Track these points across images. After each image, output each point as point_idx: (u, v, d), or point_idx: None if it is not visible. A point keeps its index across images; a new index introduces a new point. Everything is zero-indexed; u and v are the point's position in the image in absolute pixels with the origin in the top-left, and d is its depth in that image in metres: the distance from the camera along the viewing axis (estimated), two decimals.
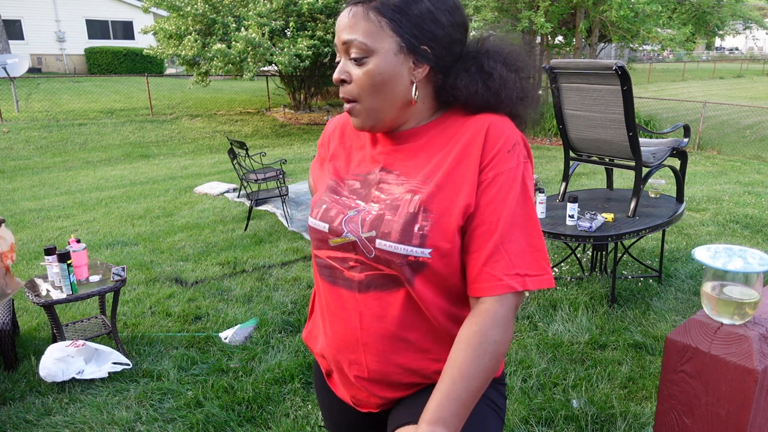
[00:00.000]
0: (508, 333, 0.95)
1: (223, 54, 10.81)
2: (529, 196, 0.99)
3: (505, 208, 0.96)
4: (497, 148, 0.99)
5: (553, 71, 3.71)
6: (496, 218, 0.96)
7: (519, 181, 0.98)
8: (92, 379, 2.85)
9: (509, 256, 0.95)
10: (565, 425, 2.47)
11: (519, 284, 0.95)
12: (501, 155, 0.98)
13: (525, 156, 1.01)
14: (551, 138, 11.89)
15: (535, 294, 3.83)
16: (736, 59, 38.61)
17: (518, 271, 0.95)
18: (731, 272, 1.05)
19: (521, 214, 0.97)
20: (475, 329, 0.94)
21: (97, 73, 21.29)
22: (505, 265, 0.95)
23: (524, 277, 0.95)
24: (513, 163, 0.98)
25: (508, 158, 0.98)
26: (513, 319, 0.96)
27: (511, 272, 0.95)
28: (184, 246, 5.05)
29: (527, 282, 0.95)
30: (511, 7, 11.72)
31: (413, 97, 1.01)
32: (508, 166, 0.98)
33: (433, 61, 1.00)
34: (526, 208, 0.98)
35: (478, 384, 0.92)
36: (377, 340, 1.05)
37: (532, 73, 1.12)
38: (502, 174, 0.97)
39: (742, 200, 6.40)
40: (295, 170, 8.50)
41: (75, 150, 10.85)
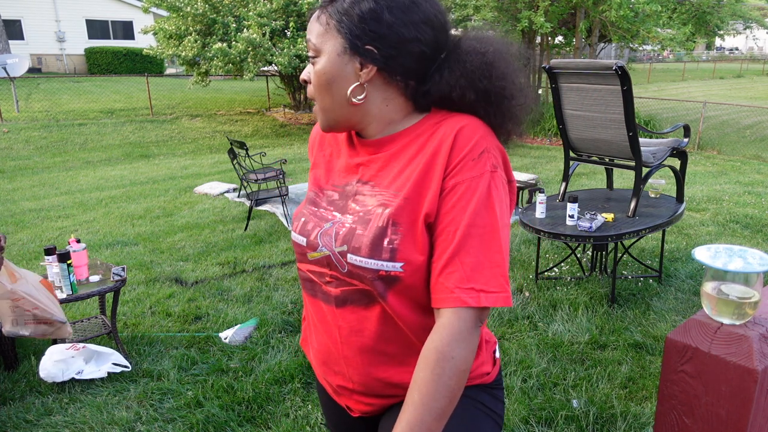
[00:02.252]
0: (468, 348, 0.90)
1: (223, 54, 10.81)
2: (491, 208, 0.93)
3: (465, 218, 0.92)
4: (462, 155, 0.94)
5: (552, 71, 3.71)
6: (454, 228, 0.92)
7: (483, 190, 0.93)
8: (92, 379, 2.85)
9: (464, 269, 0.91)
10: (565, 425, 2.47)
11: (472, 299, 0.89)
12: (466, 163, 0.94)
13: (494, 165, 0.95)
14: (551, 138, 11.89)
15: (535, 294, 3.84)
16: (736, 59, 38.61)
17: (473, 285, 0.90)
18: (731, 272, 1.04)
19: (482, 225, 0.92)
20: (431, 346, 0.90)
21: (97, 73, 21.29)
22: (460, 277, 0.91)
23: (479, 293, 0.90)
24: (477, 172, 0.93)
25: (473, 166, 0.93)
26: (473, 333, 0.91)
27: (465, 285, 0.90)
28: (184, 246, 5.05)
29: (481, 298, 0.90)
30: (511, 7, 11.73)
31: (355, 98, 0.99)
32: (471, 175, 0.93)
33: (380, 61, 0.96)
34: (489, 219, 0.92)
35: (442, 405, 0.89)
36: (357, 354, 1.05)
37: (521, 73, 1.05)
38: (464, 182, 0.93)
39: (742, 200, 6.40)
40: (295, 170, 8.50)
41: (75, 150, 10.85)
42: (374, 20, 0.94)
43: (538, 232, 3.53)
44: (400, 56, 0.96)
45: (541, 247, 4.55)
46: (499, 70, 1.00)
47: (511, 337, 3.29)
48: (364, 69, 0.97)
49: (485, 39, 1.03)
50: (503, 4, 11.75)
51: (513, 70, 1.03)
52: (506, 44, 1.04)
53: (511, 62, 1.03)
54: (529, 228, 3.59)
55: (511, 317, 3.51)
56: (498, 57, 1.01)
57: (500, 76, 1.00)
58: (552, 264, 4.40)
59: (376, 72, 0.97)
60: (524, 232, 5.02)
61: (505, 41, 1.05)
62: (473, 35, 1.04)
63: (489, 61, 1.00)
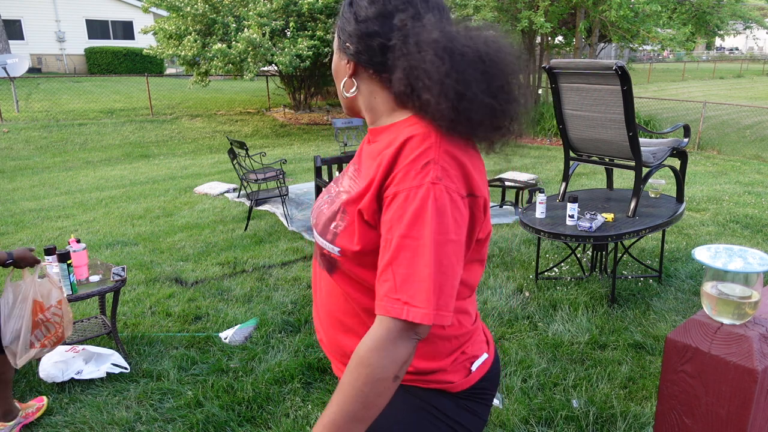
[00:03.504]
0: (389, 358, 0.89)
1: (223, 54, 10.81)
2: (428, 220, 0.90)
3: (400, 228, 0.91)
4: (405, 165, 0.94)
5: (552, 71, 3.71)
6: (391, 237, 0.92)
7: (420, 202, 0.91)
8: (92, 379, 2.85)
9: (396, 279, 0.91)
10: (565, 425, 2.47)
11: (396, 311, 0.89)
12: (408, 172, 0.93)
13: (437, 177, 0.92)
14: (551, 138, 11.90)
15: (535, 294, 3.84)
16: (736, 59, 38.61)
17: (400, 297, 0.89)
18: (731, 272, 1.04)
19: (416, 237, 0.90)
20: (356, 350, 0.92)
21: (97, 73, 21.29)
22: (390, 287, 0.91)
23: (405, 305, 0.89)
24: (418, 182, 0.92)
25: (415, 176, 0.92)
26: (397, 345, 0.89)
27: (393, 296, 0.90)
28: (184, 246, 5.05)
29: (405, 311, 0.89)
30: (511, 6, 11.73)
31: (348, 91, 1.08)
32: (411, 185, 0.92)
33: (354, 57, 1.04)
34: (422, 232, 0.90)
35: (354, 409, 0.90)
36: (325, 315, 1.14)
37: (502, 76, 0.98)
38: (403, 191, 0.92)
39: (742, 200, 6.40)
40: (295, 170, 8.50)
41: (75, 150, 10.85)
42: (346, 17, 1.04)
43: (538, 232, 3.53)
44: (365, 51, 1.02)
45: (541, 247, 4.55)
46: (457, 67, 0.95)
47: (511, 337, 3.29)
48: (348, 64, 1.06)
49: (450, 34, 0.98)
50: (503, 4, 11.74)
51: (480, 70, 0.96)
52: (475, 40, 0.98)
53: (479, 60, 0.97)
54: (529, 228, 3.59)
55: (511, 317, 3.51)
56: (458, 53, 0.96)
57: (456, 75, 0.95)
58: (552, 264, 4.40)
59: (355, 66, 1.05)
60: (524, 232, 5.02)
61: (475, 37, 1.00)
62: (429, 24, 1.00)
63: (441, 56, 0.95)
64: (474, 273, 1.12)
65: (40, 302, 2.21)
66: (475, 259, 1.09)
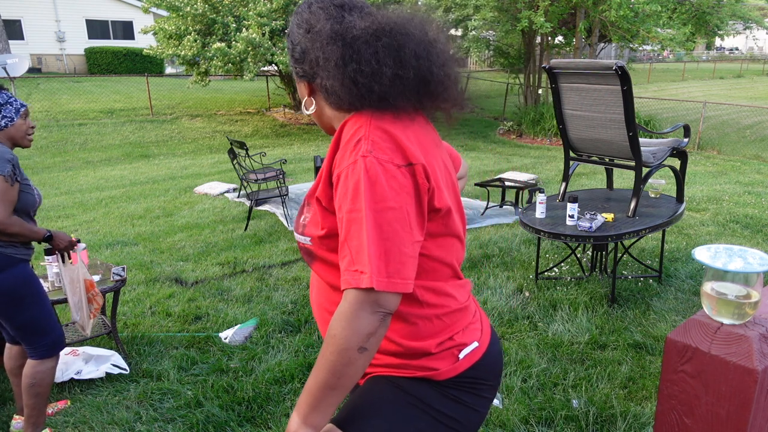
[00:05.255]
0: (351, 328, 0.94)
1: (222, 53, 10.81)
2: (364, 191, 0.96)
3: (346, 204, 0.98)
4: (341, 147, 1.02)
5: (552, 71, 3.71)
6: (341, 215, 0.99)
7: (354, 177, 0.97)
8: (92, 379, 2.85)
9: (351, 252, 0.96)
10: (565, 425, 2.47)
11: (354, 281, 0.95)
12: (344, 153, 1.01)
13: (367, 150, 0.98)
14: (551, 138, 11.89)
15: (535, 294, 3.84)
16: (736, 59, 38.60)
17: (357, 267, 0.95)
18: (731, 272, 1.05)
19: (357, 210, 0.96)
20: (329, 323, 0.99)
21: (97, 73, 21.28)
22: (348, 260, 0.97)
23: (360, 274, 0.94)
24: (352, 159, 0.98)
25: (349, 155, 0.99)
26: (359, 315, 0.94)
27: (351, 268, 0.96)
28: (184, 246, 5.05)
29: (360, 279, 0.94)
30: (511, 7, 11.72)
31: (308, 109, 1.16)
32: (347, 163, 0.99)
33: (305, 76, 1.13)
34: (360, 204, 0.96)
35: (324, 377, 0.97)
36: (317, 309, 1.21)
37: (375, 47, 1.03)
38: (343, 171, 0.99)
39: (742, 200, 6.40)
40: (295, 170, 8.50)
41: (75, 150, 10.86)
42: (292, 43, 1.13)
43: (538, 232, 3.53)
44: (309, 69, 1.11)
45: (541, 247, 4.55)
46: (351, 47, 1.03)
47: (511, 337, 3.29)
48: (302, 85, 1.15)
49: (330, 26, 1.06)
50: (503, 4, 11.74)
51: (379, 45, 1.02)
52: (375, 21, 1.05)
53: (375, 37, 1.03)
54: (529, 228, 3.59)
55: (511, 317, 3.51)
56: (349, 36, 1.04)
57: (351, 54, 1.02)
58: (552, 264, 4.40)
59: (308, 85, 1.14)
60: (524, 232, 5.02)
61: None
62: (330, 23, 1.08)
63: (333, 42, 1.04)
64: (448, 249, 1.12)
65: (89, 281, 2.52)
66: (444, 233, 1.10)
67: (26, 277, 2.21)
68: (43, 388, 2.30)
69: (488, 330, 1.24)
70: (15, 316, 2.20)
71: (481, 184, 6.10)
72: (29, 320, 2.23)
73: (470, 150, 10.87)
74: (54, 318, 2.34)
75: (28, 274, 2.22)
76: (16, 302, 2.18)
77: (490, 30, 14.13)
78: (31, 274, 2.25)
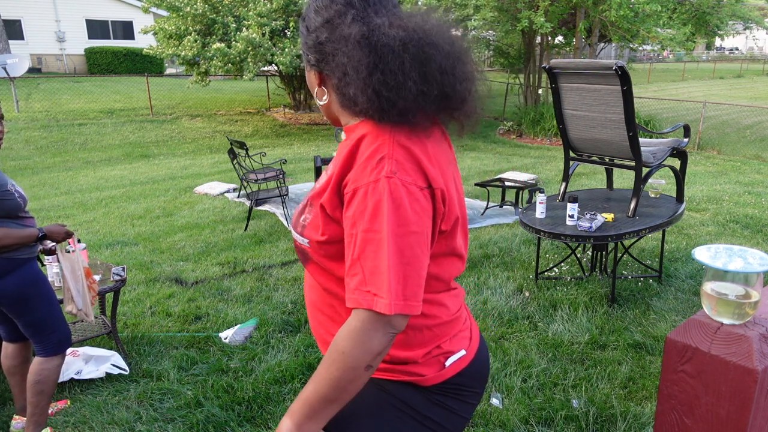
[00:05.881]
0: (362, 348, 0.93)
1: (222, 53, 10.80)
2: (387, 213, 0.93)
3: (363, 222, 0.95)
4: (362, 162, 0.98)
5: (552, 71, 3.71)
6: (355, 231, 0.96)
7: (377, 197, 0.94)
8: (92, 379, 2.85)
9: (364, 272, 0.94)
10: (565, 425, 2.47)
11: (366, 302, 0.93)
12: (363, 169, 0.97)
13: (392, 170, 0.95)
14: (551, 138, 11.89)
15: (535, 294, 3.84)
16: (736, 59, 38.59)
17: (370, 289, 0.93)
18: (731, 272, 1.04)
19: (376, 231, 0.94)
20: (334, 339, 0.97)
21: (97, 73, 21.28)
22: (360, 280, 0.95)
23: (374, 297, 0.93)
24: (374, 177, 0.95)
25: (371, 172, 0.96)
26: (371, 336, 0.93)
27: (363, 288, 0.94)
28: (184, 246, 5.05)
29: (375, 302, 0.92)
30: (511, 7, 11.72)
31: (320, 100, 1.13)
32: (368, 180, 0.96)
33: (316, 66, 1.09)
34: (381, 226, 0.93)
35: (325, 391, 0.96)
36: (309, 306, 1.20)
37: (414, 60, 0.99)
38: (360, 188, 0.96)
39: (742, 200, 6.40)
40: (295, 170, 8.50)
41: (75, 150, 10.85)
42: (305, 32, 1.10)
43: (538, 232, 3.53)
44: (322, 59, 1.07)
45: (541, 247, 4.55)
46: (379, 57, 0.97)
47: (511, 337, 3.29)
48: (314, 74, 1.11)
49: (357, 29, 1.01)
50: (503, 4, 11.74)
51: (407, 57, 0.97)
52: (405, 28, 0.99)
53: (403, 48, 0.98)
54: (529, 228, 3.59)
55: (511, 317, 3.51)
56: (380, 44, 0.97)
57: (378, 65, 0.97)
58: (552, 264, 4.40)
59: (320, 75, 1.10)
60: (524, 232, 5.02)
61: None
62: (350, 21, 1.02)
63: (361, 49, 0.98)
64: (447, 267, 1.12)
65: (87, 269, 2.56)
66: (446, 253, 1.10)
67: (34, 277, 2.24)
68: (48, 386, 2.31)
69: (477, 337, 1.24)
70: (25, 314, 2.23)
71: (481, 184, 6.10)
72: (39, 318, 2.26)
73: (470, 150, 10.87)
74: (61, 315, 2.37)
75: (35, 273, 2.25)
76: (26, 302, 2.21)
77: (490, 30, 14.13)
78: (38, 273, 2.27)
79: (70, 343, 2.41)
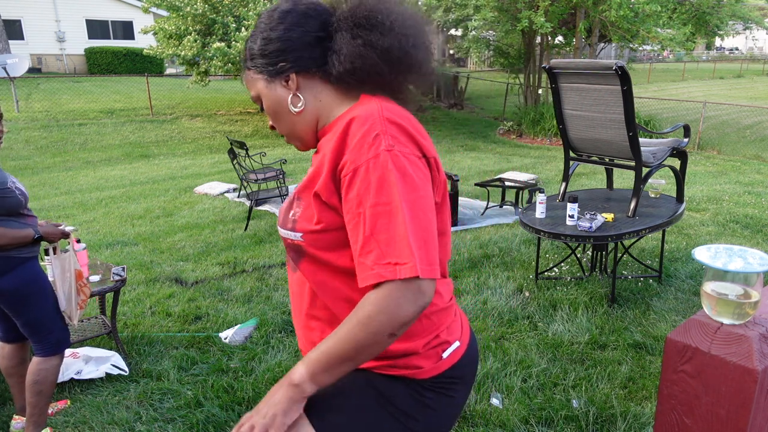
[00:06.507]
0: (389, 315, 0.94)
1: (222, 53, 10.81)
2: (394, 183, 0.96)
3: (370, 198, 0.96)
4: (355, 142, 1.00)
5: (552, 71, 3.71)
6: (362, 209, 0.97)
7: (382, 169, 0.96)
8: (92, 379, 2.85)
9: (380, 246, 0.95)
10: (565, 425, 2.47)
11: (389, 273, 0.93)
12: (360, 147, 0.99)
13: (390, 144, 0.99)
14: (551, 138, 11.89)
15: (535, 294, 3.84)
16: (736, 59, 38.59)
17: (390, 260, 0.94)
18: (731, 272, 1.04)
19: (386, 203, 0.95)
20: (360, 305, 0.97)
21: (97, 73, 21.28)
22: (378, 254, 0.95)
23: (395, 266, 0.94)
24: (373, 153, 0.97)
25: (368, 149, 0.98)
26: (398, 302, 0.94)
27: (382, 261, 0.94)
28: (184, 246, 5.05)
29: (398, 270, 0.93)
30: (511, 7, 11.72)
31: (296, 107, 1.12)
32: (367, 157, 0.98)
33: (294, 66, 1.10)
34: (391, 197, 0.95)
35: (345, 349, 0.97)
36: (297, 315, 1.19)
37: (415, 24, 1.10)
38: (361, 166, 0.97)
39: (742, 200, 6.40)
40: (294, 170, 8.50)
41: (75, 150, 10.85)
42: (269, 44, 1.10)
43: (538, 232, 3.53)
44: (304, 51, 1.09)
45: (541, 247, 4.55)
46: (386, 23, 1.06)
47: (511, 337, 3.29)
48: (289, 81, 1.11)
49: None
50: (503, 4, 11.74)
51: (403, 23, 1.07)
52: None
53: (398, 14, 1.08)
54: (529, 228, 3.59)
55: (511, 317, 3.51)
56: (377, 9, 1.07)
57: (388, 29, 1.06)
58: (552, 264, 4.40)
59: (297, 76, 1.11)
60: (524, 232, 5.02)
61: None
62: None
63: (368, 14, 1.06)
64: (441, 248, 1.12)
65: (79, 271, 2.53)
66: (439, 232, 1.09)
67: (34, 276, 2.24)
68: (47, 386, 2.31)
69: (468, 328, 1.24)
70: (24, 313, 2.23)
71: (481, 184, 6.10)
72: (38, 317, 2.26)
73: (470, 150, 10.87)
74: (60, 314, 2.37)
75: (36, 272, 2.25)
76: (25, 300, 2.22)
77: (490, 30, 14.13)
78: (38, 272, 2.27)
79: (68, 343, 2.41)
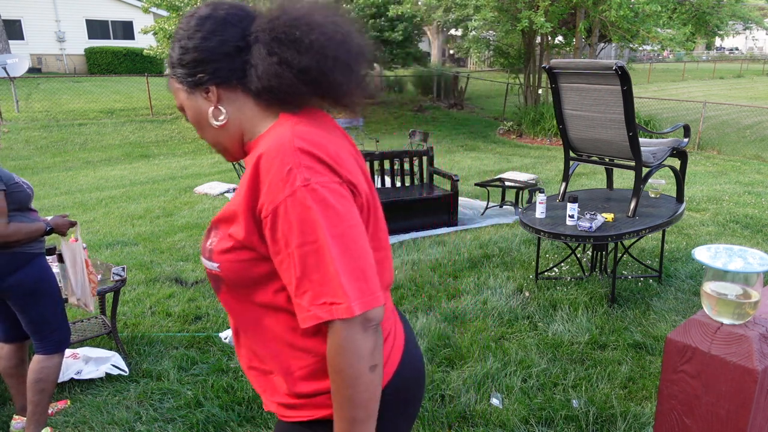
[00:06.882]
0: (353, 356, 0.91)
1: None
2: (317, 220, 0.91)
3: (294, 239, 0.92)
4: (269, 181, 0.94)
5: (552, 71, 3.71)
6: (290, 250, 0.93)
7: (300, 207, 0.91)
8: (92, 379, 2.85)
9: (312, 287, 0.92)
10: (565, 425, 2.47)
11: (325, 314, 0.91)
12: (274, 188, 0.93)
13: (305, 178, 0.92)
14: (551, 138, 11.90)
15: (535, 294, 3.84)
16: (736, 59, 38.59)
17: (325, 300, 0.91)
18: (731, 272, 1.04)
19: (312, 242, 0.91)
20: (327, 360, 0.95)
21: (97, 73, 21.27)
22: (311, 296, 0.92)
23: (331, 306, 0.91)
24: (288, 192, 0.92)
25: (283, 188, 0.92)
26: (352, 341, 0.91)
27: (317, 302, 0.92)
28: (184, 246, 5.05)
29: (334, 310, 0.91)
30: (511, 7, 11.72)
31: (217, 120, 1.06)
32: (283, 196, 0.92)
33: (213, 78, 1.03)
34: (316, 234, 0.91)
35: (351, 413, 0.94)
36: (234, 336, 1.15)
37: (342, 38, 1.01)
38: (280, 206, 0.92)
39: (742, 200, 6.40)
40: None
41: (75, 150, 10.85)
42: (186, 54, 1.03)
43: (538, 232, 3.53)
44: (222, 62, 1.02)
45: (541, 247, 4.55)
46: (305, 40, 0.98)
47: (511, 337, 3.29)
48: (209, 93, 1.05)
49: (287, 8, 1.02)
50: (503, 4, 11.74)
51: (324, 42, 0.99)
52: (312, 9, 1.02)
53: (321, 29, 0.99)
54: (529, 228, 3.59)
55: (511, 317, 3.51)
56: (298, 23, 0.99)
57: (307, 47, 0.98)
58: (552, 264, 4.40)
59: (217, 88, 1.04)
60: (524, 232, 5.02)
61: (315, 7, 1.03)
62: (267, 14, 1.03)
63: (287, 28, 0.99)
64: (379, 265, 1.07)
65: (87, 260, 2.59)
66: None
67: (45, 272, 2.28)
68: (48, 385, 2.32)
69: (399, 349, 1.13)
70: (32, 309, 2.25)
71: (481, 184, 6.10)
72: (44, 314, 2.28)
73: (470, 150, 10.87)
74: (65, 314, 2.38)
75: (46, 268, 2.29)
76: (35, 297, 2.24)
77: (490, 30, 14.12)
78: (47, 269, 2.30)
79: (69, 343, 2.42)
